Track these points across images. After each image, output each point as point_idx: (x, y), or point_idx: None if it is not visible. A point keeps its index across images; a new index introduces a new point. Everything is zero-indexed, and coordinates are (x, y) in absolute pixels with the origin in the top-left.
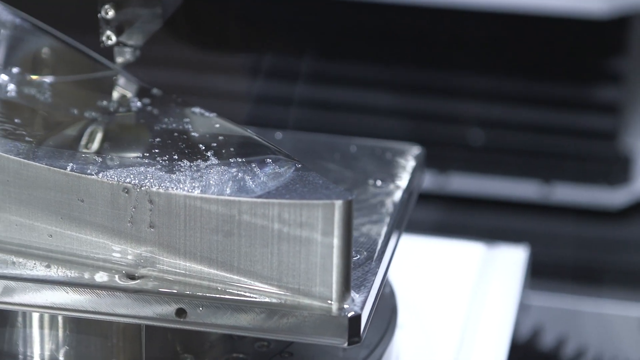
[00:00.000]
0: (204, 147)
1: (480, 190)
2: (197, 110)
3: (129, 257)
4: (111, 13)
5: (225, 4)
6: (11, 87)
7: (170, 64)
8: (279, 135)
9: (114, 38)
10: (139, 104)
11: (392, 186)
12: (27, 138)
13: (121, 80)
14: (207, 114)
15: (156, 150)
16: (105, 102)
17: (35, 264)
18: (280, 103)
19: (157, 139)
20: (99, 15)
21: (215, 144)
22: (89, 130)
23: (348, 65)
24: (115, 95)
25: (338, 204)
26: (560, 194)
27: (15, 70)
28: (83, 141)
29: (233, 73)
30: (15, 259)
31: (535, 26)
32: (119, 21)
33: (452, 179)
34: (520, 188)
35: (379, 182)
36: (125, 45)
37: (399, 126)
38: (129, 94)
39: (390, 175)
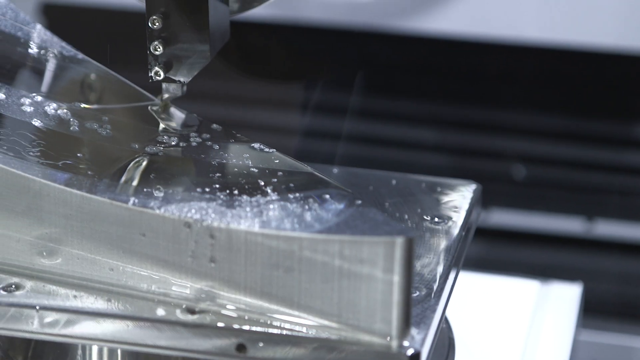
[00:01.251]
0: (263, 183)
1: (522, 225)
2: (256, 145)
3: (190, 291)
4: (160, 49)
5: (273, 38)
6: (73, 121)
7: (219, 98)
8: (334, 170)
9: (162, 74)
10: (198, 138)
11: (449, 222)
12: (89, 172)
13: (180, 115)
14: (266, 149)
15: (217, 186)
16: (166, 137)
17: (96, 297)
18: (326, 137)
19: (218, 174)
20: (148, 51)
21: (275, 180)
22: (150, 165)
23: (393, 100)
24: (175, 129)
25: (399, 241)
26: (603, 229)
27: (76, 104)
28: (144, 175)
29: (280, 107)
30: (76, 293)
31: (578, 62)
32: (167, 57)
33: (494, 214)
34: (563, 223)
35: (436, 219)
36: (173, 81)
37: (443, 161)
38: (188, 129)
39: (447, 211)
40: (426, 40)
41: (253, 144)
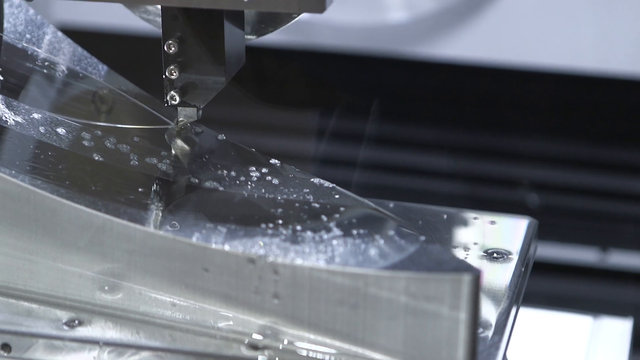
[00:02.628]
0: (326, 219)
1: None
2: (316, 180)
3: (253, 327)
4: (176, 74)
5: (288, 64)
6: (133, 156)
7: (233, 124)
8: (390, 204)
9: (178, 98)
10: (257, 173)
11: (508, 258)
12: (151, 207)
13: (238, 150)
14: (326, 184)
15: (279, 221)
16: (225, 172)
17: (158, 333)
18: (340, 165)
19: (279, 209)
20: (164, 76)
21: (337, 215)
22: (210, 200)
23: (406, 127)
24: (234, 165)
25: (466, 278)
26: (617, 259)
27: (135, 139)
28: (206, 211)
29: (295, 133)
30: (138, 328)
31: (593, 89)
32: (183, 82)
33: None
34: (577, 253)
35: (494, 254)
36: (189, 105)
37: (456, 189)
38: (247, 164)
39: (504, 246)
40: (440, 67)
41: (312, 179)
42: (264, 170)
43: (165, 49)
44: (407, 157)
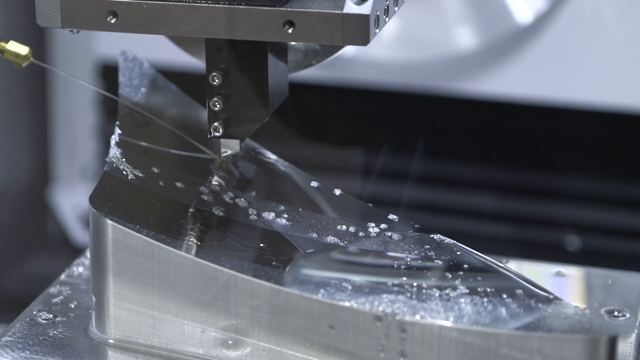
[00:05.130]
0: (451, 276)
1: None
2: (437, 237)
3: None
4: (219, 106)
5: (331, 100)
6: (251, 211)
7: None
8: (505, 260)
9: (221, 130)
10: (377, 229)
11: (628, 316)
12: (273, 262)
13: (356, 204)
14: (446, 240)
15: (404, 278)
16: (344, 227)
17: None
18: (383, 204)
19: (402, 266)
20: (207, 107)
21: (462, 272)
22: (332, 257)
23: (446, 165)
24: (353, 220)
25: (603, 339)
26: None
27: (253, 194)
28: (329, 267)
29: (337, 171)
30: None
31: (634, 127)
32: (226, 114)
33: None
34: None
35: (615, 312)
36: (231, 137)
37: (495, 228)
38: (365, 219)
39: (624, 304)
40: (484, 104)
41: (432, 235)
42: (382, 225)
43: (209, 80)
44: (450, 195)
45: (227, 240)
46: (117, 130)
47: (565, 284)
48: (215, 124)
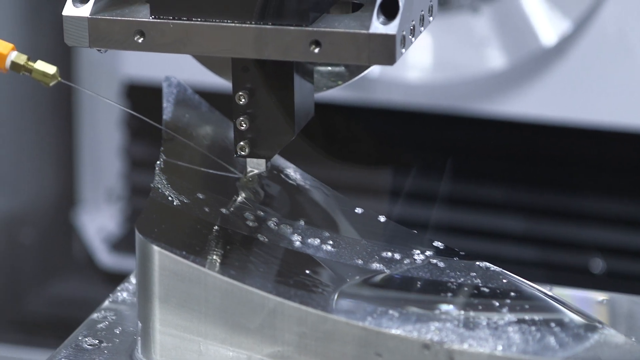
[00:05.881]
0: (498, 304)
1: None
2: (482, 264)
3: None
4: (245, 125)
5: (357, 120)
6: (296, 237)
7: None
8: (549, 288)
9: (247, 149)
10: (422, 256)
11: None
12: (319, 289)
13: (400, 231)
14: (492, 268)
15: (451, 306)
16: (390, 254)
17: None
18: (408, 224)
19: (449, 294)
20: (233, 127)
21: (508, 300)
22: (378, 283)
23: (473, 186)
24: (398, 246)
25: None
26: None
27: (301, 222)
28: (374, 294)
29: (363, 192)
30: None
31: None
32: (252, 133)
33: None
34: None
35: None
36: (257, 157)
37: (519, 250)
38: (410, 246)
39: None
40: (511, 125)
41: (478, 263)
42: (427, 252)
43: (236, 100)
44: (478, 217)
45: (273, 267)
46: (162, 156)
47: (609, 311)
48: (242, 143)
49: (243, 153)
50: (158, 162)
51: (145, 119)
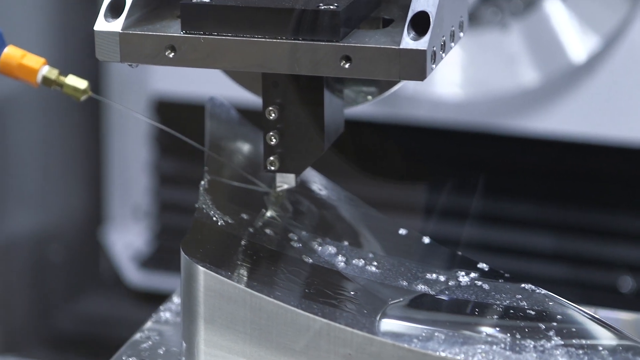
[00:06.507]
0: (544, 327)
1: None
2: (528, 286)
3: None
4: (275, 140)
5: (386, 136)
6: (340, 258)
7: None
8: (594, 310)
9: (277, 164)
10: (467, 278)
11: None
12: (364, 311)
13: (445, 252)
14: (538, 290)
15: (497, 328)
16: (434, 276)
17: None
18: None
19: (495, 316)
20: (263, 142)
21: (555, 323)
22: (423, 305)
23: (504, 203)
24: (443, 268)
25: None
26: None
27: (345, 243)
28: (419, 316)
29: (393, 208)
30: None
31: None
32: (282, 148)
33: None
34: None
35: None
36: (287, 171)
37: (548, 268)
38: (455, 267)
39: None
40: (536, 141)
41: (523, 285)
42: (472, 274)
43: (266, 115)
44: (507, 234)
45: (317, 288)
46: (206, 176)
47: (637, 331)
48: (271, 158)
49: (272, 168)
50: (202, 182)
51: (179, 135)
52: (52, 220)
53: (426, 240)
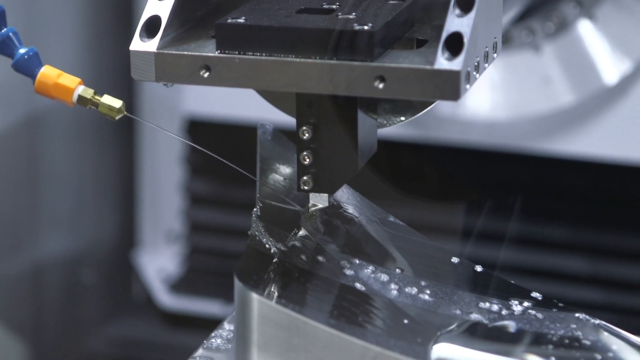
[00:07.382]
0: (600, 357)
1: None
2: (582, 316)
3: None
4: (309, 160)
5: (420, 158)
6: (393, 286)
7: None
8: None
9: (310, 183)
10: (520, 307)
11: None
12: (418, 339)
13: (497, 281)
14: (592, 320)
15: (552, 358)
16: (487, 304)
17: None
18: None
19: (550, 346)
20: (297, 161)
21: (611, 354)
22: (475, 334)
23: (538, 226)
24: (495, 297)
25: None
26: None
27: (397, 271)
28: (473, 345)
29: (426, 229)
30: None
31: None
32: (316, 167)
33: None
34: None
35: None
36: (321, 191)
37: (582, 292)
38: (508, 296)
39: None
40: (569, 163)
41: (577, 314)
42: (525, 303)
43: (299, 134)
44: (541, 257)
45: (371, 316)
46: (258, 203)
47: None
48: (305, 177)
49: (306, 187)
50: (255, 209)
51: (215, 155)
52: (84, 243)
53: (479, 268)
